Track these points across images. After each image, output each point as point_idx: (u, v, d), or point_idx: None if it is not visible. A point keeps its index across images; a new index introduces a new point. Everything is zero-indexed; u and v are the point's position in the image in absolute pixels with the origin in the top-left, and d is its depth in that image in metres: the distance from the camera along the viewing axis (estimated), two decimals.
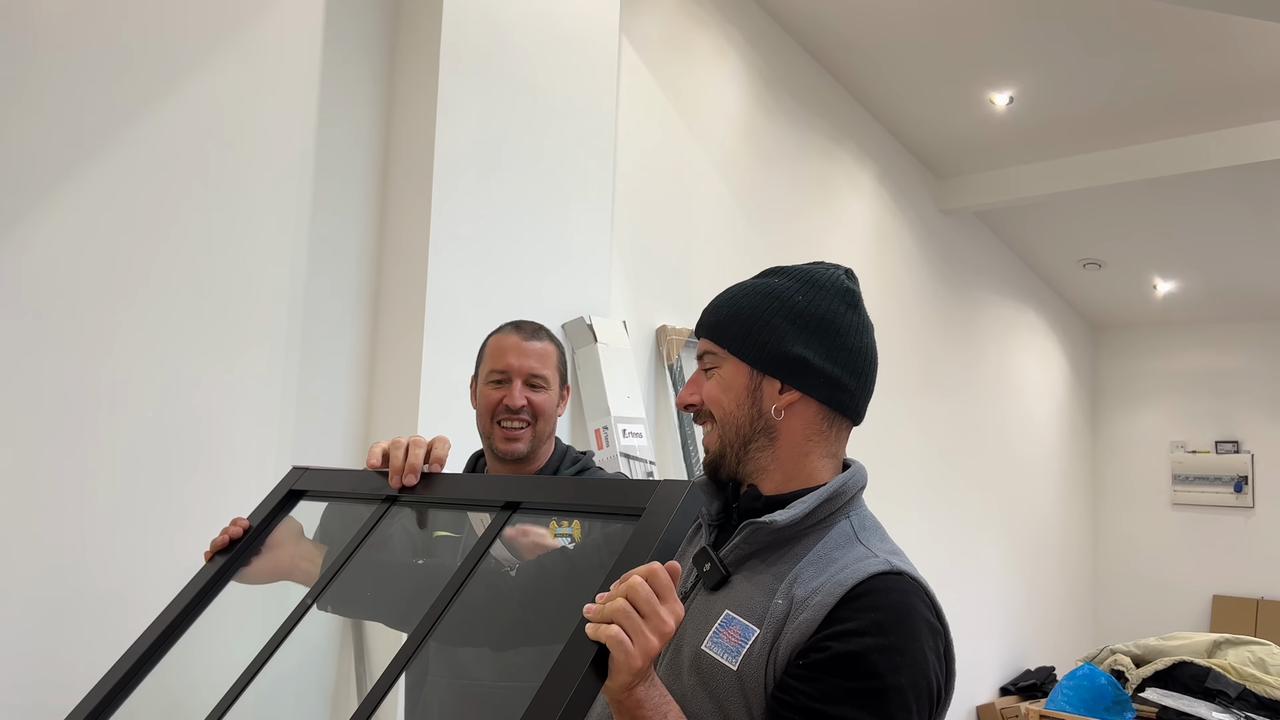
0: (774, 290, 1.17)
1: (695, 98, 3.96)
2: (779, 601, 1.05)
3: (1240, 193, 5.36)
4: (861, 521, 1.14)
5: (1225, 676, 4.05)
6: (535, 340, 1.70)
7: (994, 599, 6.19)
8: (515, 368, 1.66)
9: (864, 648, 0.99)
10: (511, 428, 1.64)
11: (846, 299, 1.18)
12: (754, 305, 1.17)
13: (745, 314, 1.16)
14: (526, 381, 1.66)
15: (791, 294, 1.16)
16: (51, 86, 2.06)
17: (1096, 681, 4.16)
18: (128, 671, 1.17)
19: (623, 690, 0.89)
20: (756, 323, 1.15)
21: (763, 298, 1.17)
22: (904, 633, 1.01)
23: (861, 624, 1.00)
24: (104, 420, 2.12)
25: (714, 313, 1.21)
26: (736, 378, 1.16)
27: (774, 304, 1.16)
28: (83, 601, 2.07)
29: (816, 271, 1.20)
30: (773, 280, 1.20)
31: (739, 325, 1.16)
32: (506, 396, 1.64)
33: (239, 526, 1.30)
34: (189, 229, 2.28)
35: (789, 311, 1.15)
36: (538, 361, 1.67)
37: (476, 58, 2.69)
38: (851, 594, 1.02)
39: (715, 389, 1.17)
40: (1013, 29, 4.24)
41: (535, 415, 1.65)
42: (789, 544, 1.11)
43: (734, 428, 1.15)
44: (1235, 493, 7.04)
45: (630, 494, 1.01)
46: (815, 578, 1.06)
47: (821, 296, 1.17)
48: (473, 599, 1.11)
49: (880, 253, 5.21)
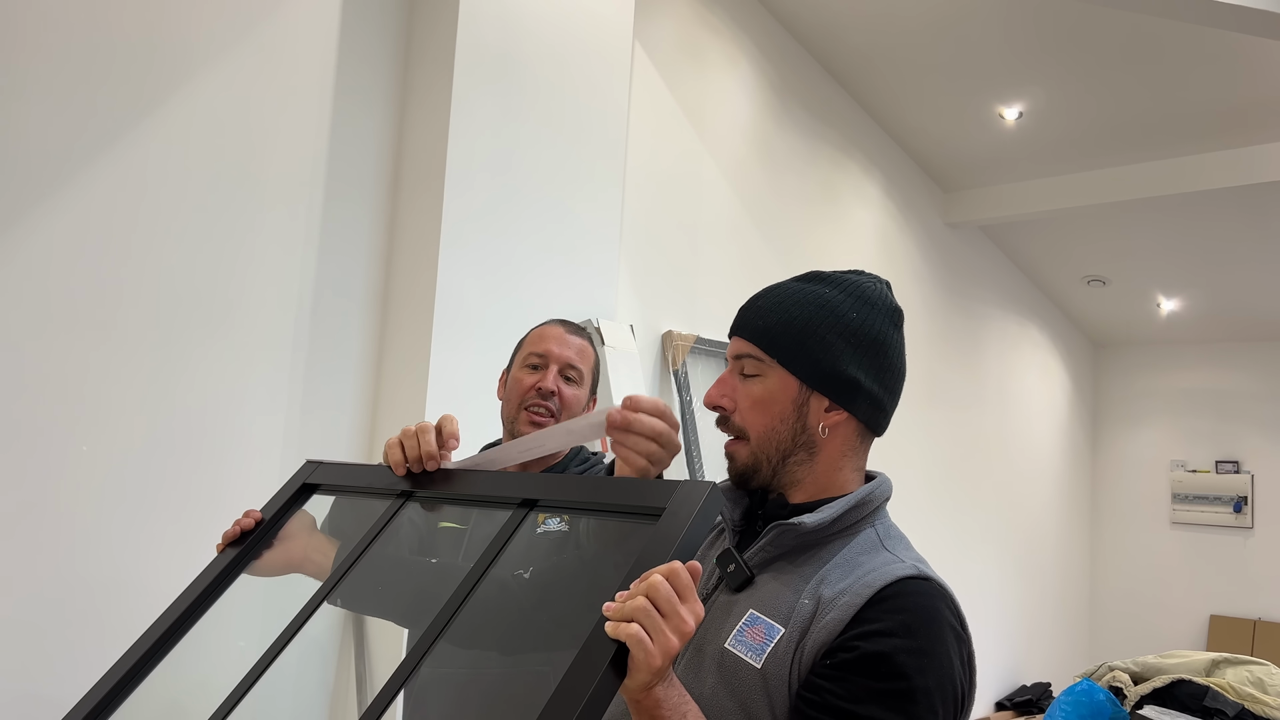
0: (827, 303, 1.14)
1: (706, 105, 3.97)
2: (805, 601, 1.05)
3: (1245, 213, 5.37)
4: (886, 530, 1.14)
5: (1224, 695, 4.04)
6: (577, 336, 1.71)
7: (991, 614, 6.18)
8: (555, 354, 1.66)
9: (892, 648, 0.99)
10: (538, 413, 1.63)
11: (894, 319, 1.17)
12: (807, 317, 1.13)
13: (799, 325, 1.13)
14: (562, 371, 1.66)
15: (845, 310, 1.13)
16: (64, 87, 2.06)
17: (1095, 698, 4.15)
18: (137, 661, 1.16)
19: (641, 689, 0.89)
20: (811, 337, 1.12)
21: (816, 309, 1.13)
22: (931, 636, 1.01)
23: (889, 625, 1.00)
24: (114, 415, 2.11)
25: (760, 316, 1.16)
26: (784, 390, 1.13)
27: (829, 318, 1.13)
28: (92, 593, 2.06)
29: (866, 286, 1.17)
30: (822, 290, 1.15)
31: (791, 336, 1.12)
32: (541, 380, 1.64)
33: (251, 518, 1.30)
34: (202, 226, 2.28)
35: (844, 329, 1.12)
36: (576, 355, 1.68)
37: (490, 62, 2.70)
38: (880, 595, 1.02)
39: (757, 398, 1.13)
40: (1024, 46, 4.25)
41: (563, 406, 1.65)
42: (814, 548, 1.11)
43: (774, 442, 1.13)
44: (1235, 513, 7.03)
45: (650, 494, 1.01)
46: (842, 579, 1.06)
47: (874, 315, 1.15)
48: (484, 602, 1.11)
49: (885, 264, 5.22)
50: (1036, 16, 4.03)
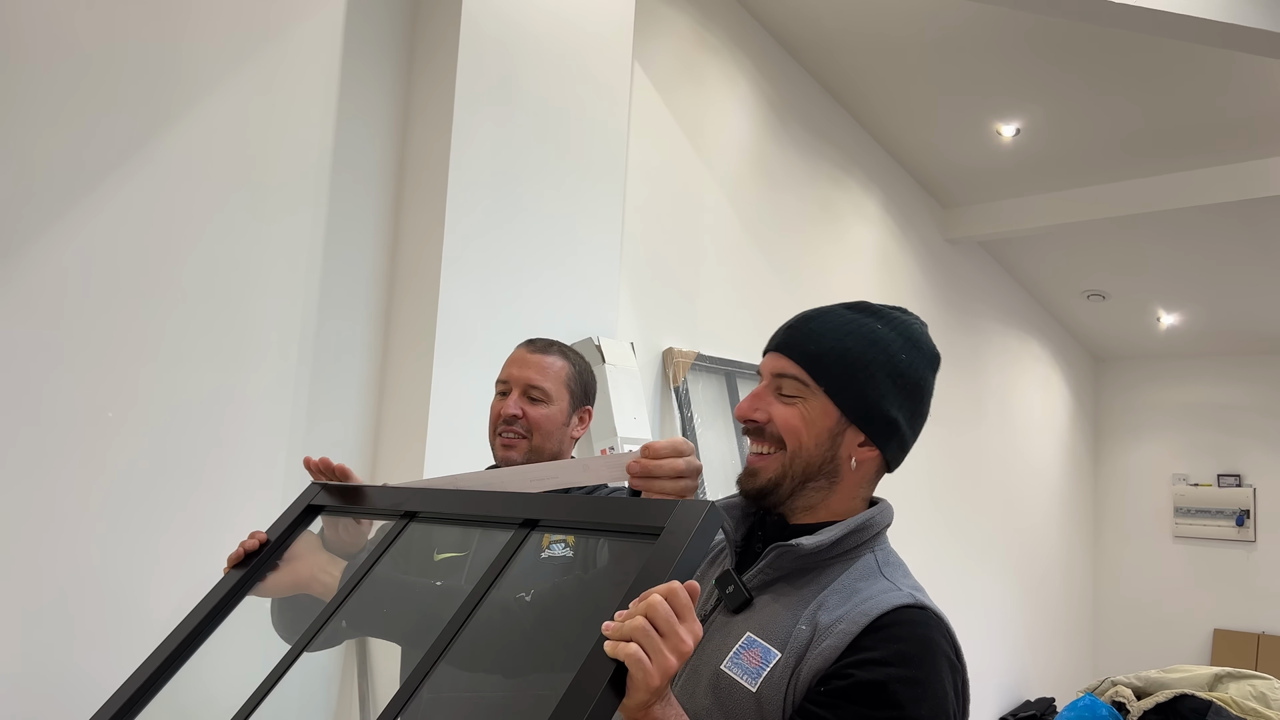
0: (879, 340, 1.15)
1: (705, 123, 4.00)
2: (802, 627, 1.06)
3: (1244, 227, 5.39)
4: (886, 557, 1.15)
5: (1226, 710, 4.03)
6: (542, 354, 1.71)
7: (994, 630, 6.17)
8: (515, 377, 1.68)
9: (887, 677, 0.99)
10: (507, 438, 1.66)
11: (935, 365, 1.19)
12: (860, 351, 1.13)
13: (851, 358, 1.13)
14: (524, 393, 1.67)
15: (896, 350, 1.15)
16: (63, 100, 2.09)
17: (1098, 713, 4.14)
18: (145, 682, 1.18)
19: (640, 709, 0.89)
20: (862, 372, 1.13)
21: (868, 345, 1.14)
22: (926, 666, 1.02)
23: (885, 654, 1.01)
24: (115, 433, 2.13)
25: (812, 341, 1.15)
26: (823, 418, 1.13)
27: (880, 356, 1.14)
28: (94, 609, 2.07)
29: (914, 328, 1.19)
30: (875, 325, 1.16)
31: (842, 367, 1.13)
32: (504, 405, 1.66)
33: (255, 540, 1.31)
34: (203, 244, 2.30)
35: (893, 370, 1.14)
36: (537, 373, 1.68)
37: (491, 80, 2.73)
38: (876, 624, 1.03)
39: (795, 420, 1.14)
40: (1021, 62, 4.28)
41: (530, 428, 1.66)
42: (813, 572, 1.12)
43: (803, 463, 1.13)
44: (1237, 526, 7.03)
45: (648, 513, 1.02)
46: (840, 605, 1.06)
47: (920, 360, 1.16)
48: (486, 624, 1.12)
49: (885, 280, 5.24)
50: (1033, 33, 4.06)
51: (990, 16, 3.97)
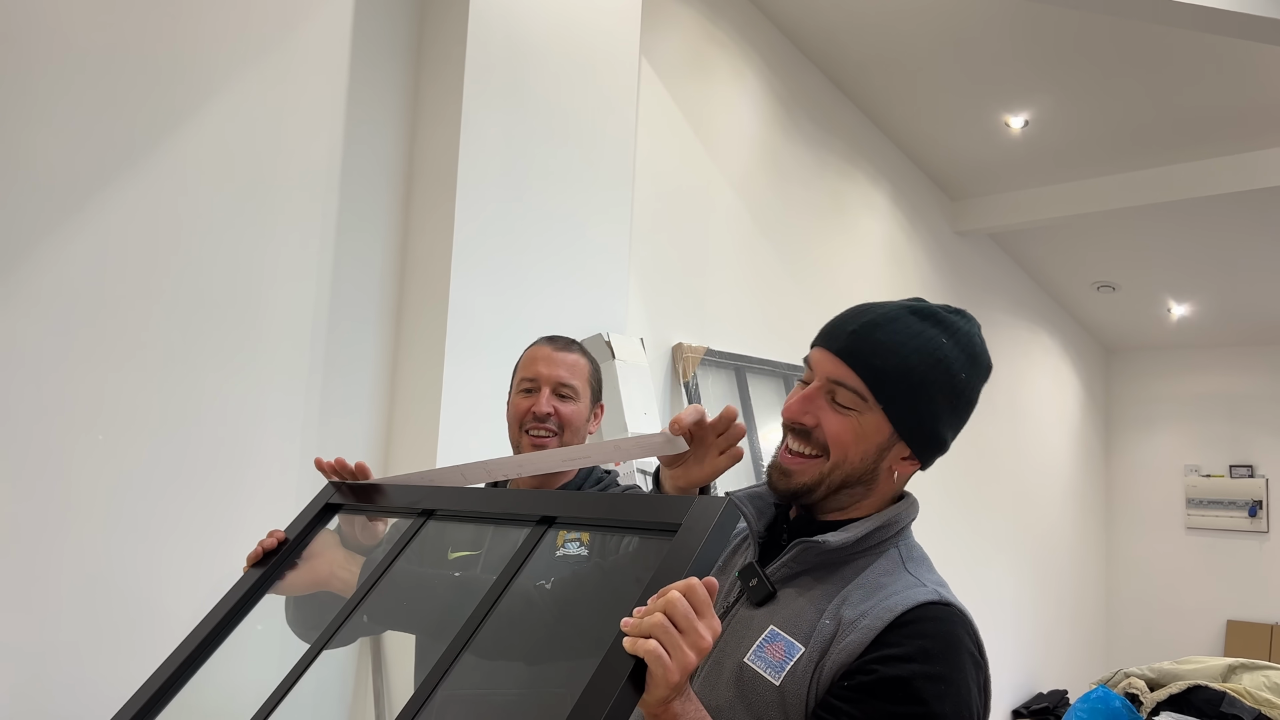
0: (943, 359, 1.11)
1: (713, 118, 4.00)
2: (826, 621, 1.06)
3: (1255, 217, 5.36)
4: (910, 552, 1.15)
5: (1240, 701, 4.01)
6: (566, 352, 1.72)
7: (1006, 622, 6.16)
8: (544, 376, 1.68)
9: (910, 674, 1.00)
10: (538, 435, 1.65)
11: (987, 377, 1.17)
12: (924, 372, 1.10)
13: (914, 378, 1.10)
14: (555, 390, 1.67)
15: (958, 369, 1.12)
16: (79, 103, 2.10)
17: (1111, 704, 4.13)
18: (165, 683, 1.18)
19: (659, 704, 0.89)
20: (923, 395, 1.10)
21: (933, 365, 1.10)
22: (950, 662, 1.02)
23: (909, 650, 1.01)
24: (134, 432, 2.14)
25: (877, 355, 1.10)
26: (876, 433, 1.11)
27: (942, 377, 1.11)
28: (110, 607, 2.09)
29: (975, 340, 1.15)
30: (939, 339, 1.12)
31: (904, 387, 1.09)
32: (534, 404, 1.66)
33: (274, 538, 1.32)
34: (214, 243, 2.31)
35: (952, 391, 1.12)
36: (567, 371, 1.69)
37: (499, 81, 2.73)
38: (900, 620, 1.03)
39: (847, 434, 1.11)
40: (1029, 54, 4.27)
41: (562, 425, 1.67)
42: (837, 566, 1.12)
43: (844, 474, 1.12)
44: (1250, 517, 7.00)
45: (666, 509, 1.02)
46: (864, 601, 1.06)
47: (977, 376, 1.15)
48: (507, 613, 1.12)
49: (895, 273, 5.23)
50: (1041, 24, 4.04)
51: (998, 7, 3.96)
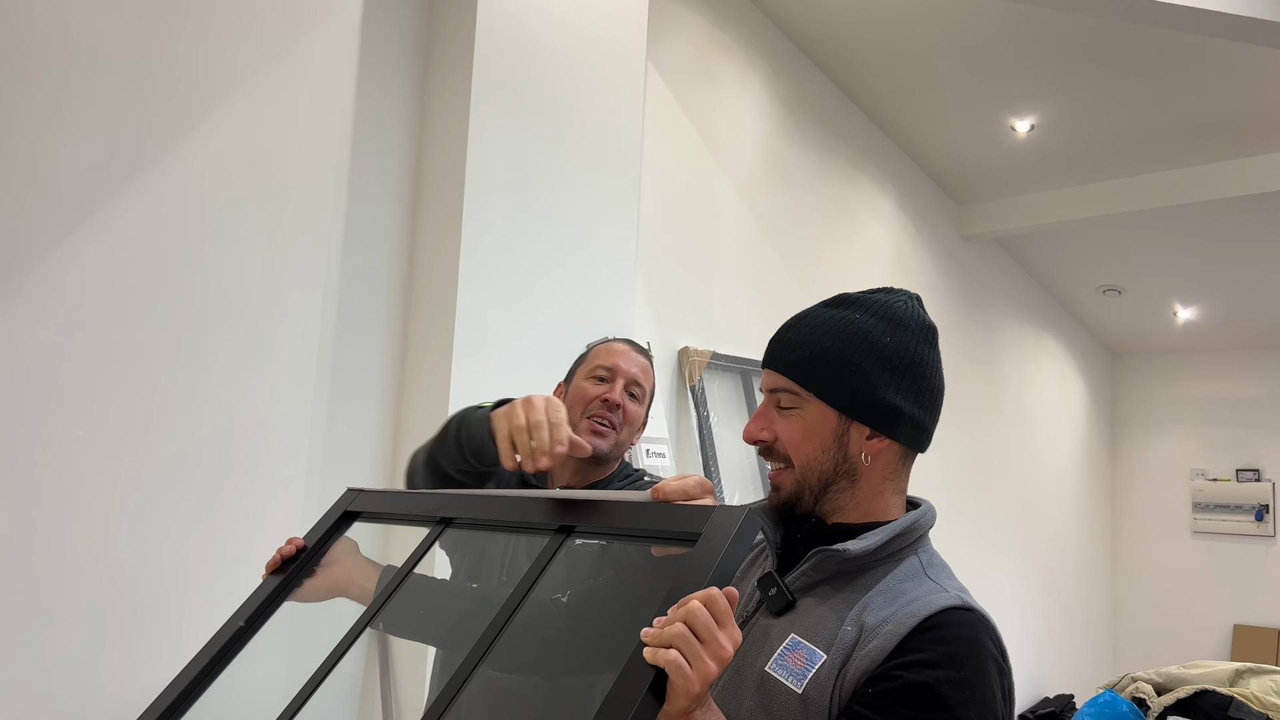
0: (859, 330, 1.12)
1: (719, 122, 4.00)
2: (848, 628, 1.06)
3: (1261, 221, 5.36)
4: (929, 559, 1.15)
5: (1248, 706, 4.01)
6: (642, 355, 1.74)
7: (1013, 626, 6.15)
8: (622, 369, 1.68)
9: (935, 679, 0.99)
10: (601, 423, 1.65)
11: (928, 336, 1.16)
12: (840, 346, 1.11)
13: (832, 356, 1.11)
14: (627, 387, 1.68)
15: (878, 335, 1.12)
16: (87, 108, 2.11)
17: (1118, 709, 4.12)
18: (185, 689, 1.19)
19: (680, 715, 0.89)
20: (846, 367, 1.11)
21: (849, 338, 1.12)
22: (974, 668, 1.02)
23: (933, 655, 1.01)
24: (142, 437, 2.15)
25: (793, 349, 1.14)
26: (823, 423, 1.12)
27: (862, 346, 1.11)
28: (118, 617, 2.09)
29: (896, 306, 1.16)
30: (853, 316, 1.14)
31: (826, 368, 1.11)
32: (608, 391, 1.66)
33: (292, 546, 1.33)
34: (221, 249, 2.32)
35: (879, 355, 1.11)
36: (641, 373, 1.71)
37: (506, 83, 2.74)
38: (923, 625, 1.03)
39: (796, 433, 1.13)
40: (1034, 58, 4.27)
41: (625, 420, 1.67)
42: (856, 574, 1.12)
43: (815, 472, 1.13)
44: (1256, 521, 6.99)
45: (686, 519, 1.02)
46: (886, 607, 1.06)
47: (908, 337, 1.14)
48: (524, 626, 1.13)
49: (900, 277, 5.23)
50: (1046, 29, 4.05)
51: (1004, 12, 3.96)
